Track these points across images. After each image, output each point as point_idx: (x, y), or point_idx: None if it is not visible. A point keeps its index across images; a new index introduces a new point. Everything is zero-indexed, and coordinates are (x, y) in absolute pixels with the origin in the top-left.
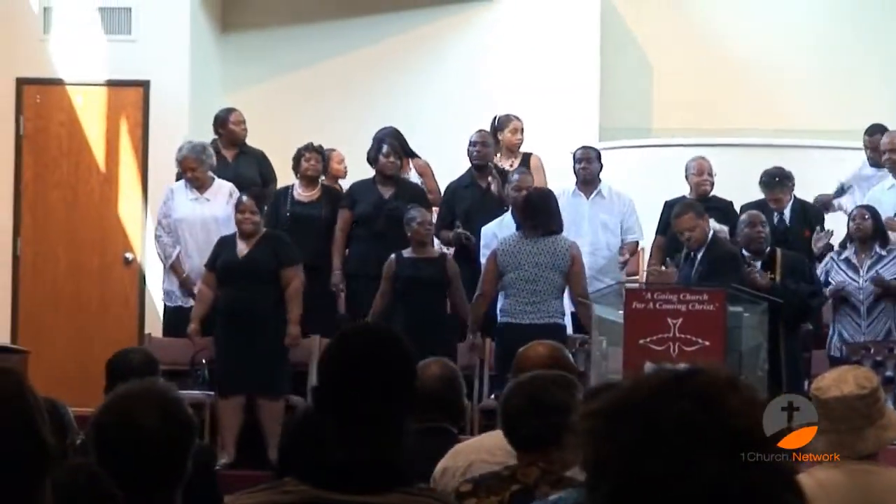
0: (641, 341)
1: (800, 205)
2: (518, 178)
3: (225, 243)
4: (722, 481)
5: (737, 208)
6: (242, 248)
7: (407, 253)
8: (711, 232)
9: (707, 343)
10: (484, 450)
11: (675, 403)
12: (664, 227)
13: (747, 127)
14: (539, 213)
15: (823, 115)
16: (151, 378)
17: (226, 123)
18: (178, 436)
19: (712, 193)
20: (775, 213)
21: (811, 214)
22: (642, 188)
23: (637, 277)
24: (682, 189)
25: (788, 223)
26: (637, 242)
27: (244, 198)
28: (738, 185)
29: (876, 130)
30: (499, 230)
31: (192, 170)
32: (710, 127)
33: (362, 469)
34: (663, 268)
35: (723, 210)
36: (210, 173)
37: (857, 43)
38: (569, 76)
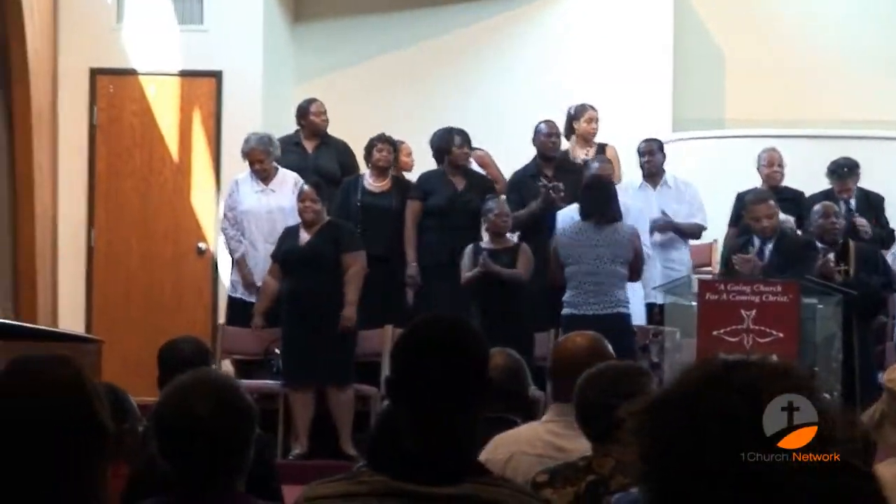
0: (715, 332)
1: (864, 194)
2: (599, 166)
3: (289, 234)
4: (771, 478)
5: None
6: (304, 236)
7: (484, 243)
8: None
9: (781, 335)
10: (523, 441)
11: (720, 397)
12: (736, 218)
13: (819, 118)
14: (599, 201)
15: (894, 106)
16: (206, 367)
17: (307, 114)
18: (235, 425)
19: (783, 184)
20: (842, 203)
21: (874, 203)
22: (714, 179)
23: (710, 269)
24: (754, 180)
25: (855, 207)
26: (702, 228)
27: (305, 187)
28: (810, 176)
29: None
30: (576, 215)
31: (260, 161)
32: (783, 118)
33: (436, 460)
34: (749, 256)
35: (794, 200)
36: (275, 164)
37: None
38: (642, 66)
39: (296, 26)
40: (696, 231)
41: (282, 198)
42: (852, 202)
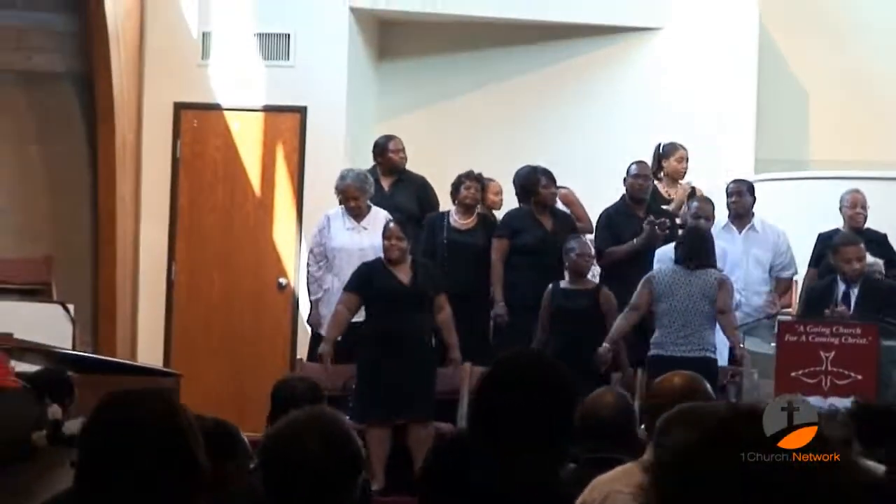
0: (793, 374)
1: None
2: (697, 206)
3: (374, 269)
4: None
5: (893, 241)
6: (402, 275)
7: (563, 283)
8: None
9: (859, 377)
10: (619, 481)
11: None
12: (817, 259)
13: None
14: (696, 247)
15: None
16: (319, 406)
17: (385, 151)
18: (343, 464)
19: (866, 226)
20: None
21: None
22: (796, 221)
23: (790, 310)
24: (836, 222)
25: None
26: (792, 279)
27: (391, 224)
28: (895, 218)
29: None
30: (672, 253)
31: (356, 199)
32: (866, 159)
33: (518, 496)
34: (840, 308)
35: (878, 242)
36: (368, 202)
37: None
38: (725, 106)
39: (380, 64)
40: (786, 287)
41: (374, 236)
42: None
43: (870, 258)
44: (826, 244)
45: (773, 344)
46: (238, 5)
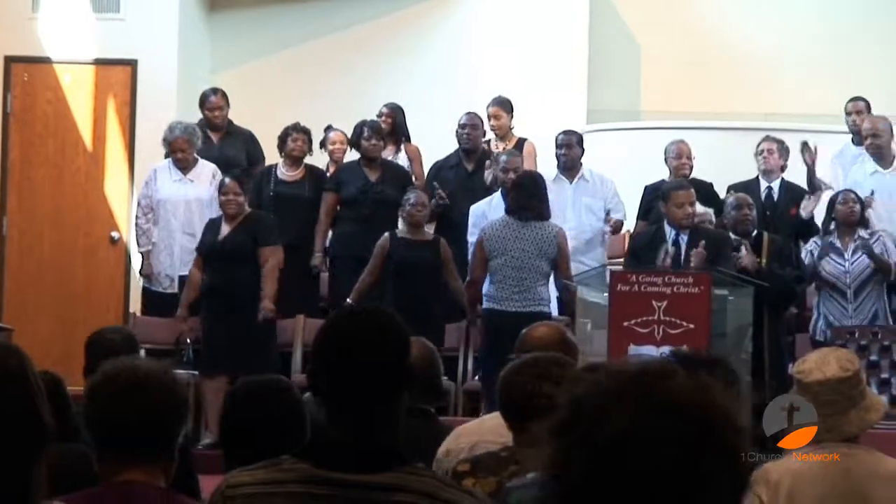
0: (626, 324)
1: (788, 185)
2: (507, 159)
3: (211, 226)
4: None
5: (718, 190)
6: (225, 229)
7: (401, 233)
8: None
9: (692, 326)
10: (486, 430)
11: (643, 417)
12: (645, 212)
13: (735, 111)
14: (530, 198)
15: (811, 100)
16: (136, 356)
17: (202, 107)
18: (167, 416)
19: (691, 176)
20: (764, 188)
21: (798, 194)
22: (630, 171)
23: (621, 260)
24: (664, 172)
25: (776, 199)
26: (622, 221)
27: (227, 180)
28: (725, 168)
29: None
30: (488, 209)
31: (183, 151)
32: (696, 110)
33: (360, 449)
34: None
35: (703, 192)
36: (195, 155)
37: (847, 28)
38: (557, 58)
39: (212, 15)
40: (617, 225)
41: (200, 188)
42: (774, 186)
43: (700, 208)
44: (654, 195)
45: (605, 294)
46: None
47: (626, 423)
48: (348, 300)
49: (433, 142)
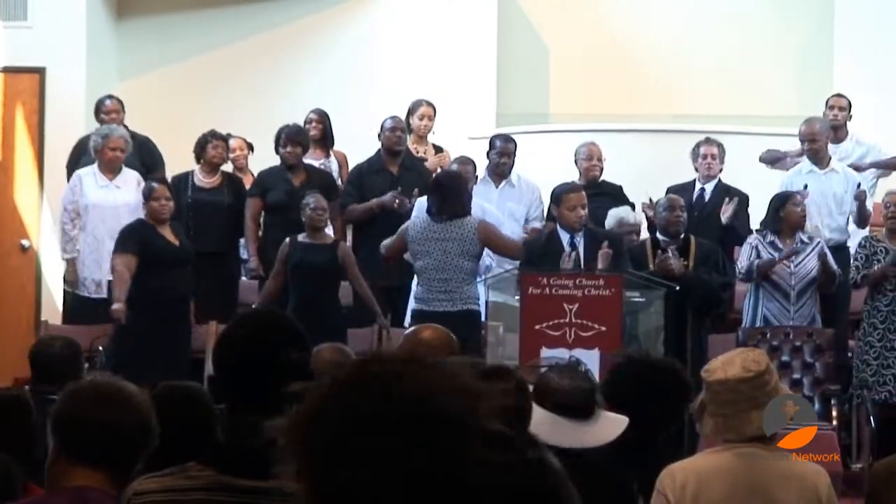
0: (538, 326)
1: (724, 187)
2: (459, 167)
3: (144, 230)
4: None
5: (627, 192)
6: (169, 236)
7: (301, 237)
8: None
9: (604, 328)
10: None
11: (351, 404)
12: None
13: (643, 113)
14: (447, 197)
15: (718, 101)
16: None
17: (98, 112)
18: (137, 428)
19: (602, 178)
20: (697, 189)
21: (733, 196)
22: (539, 174)
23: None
24: (574, 174)
25: (706, 200)
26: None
27: (156, 185)
28: (634, 170)
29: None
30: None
31: (122, 150)
32: (605, 112)
33: (259, 456)
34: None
35: (613, 195)
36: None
37: (756, 30)
38: (466, 61)
39: (120, 22)
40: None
41: (127, 194)
42: (707, 188)
43: (630, 217)
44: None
45: (517, 297)
46: None
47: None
48: (253, 306)
49: (345, 144)
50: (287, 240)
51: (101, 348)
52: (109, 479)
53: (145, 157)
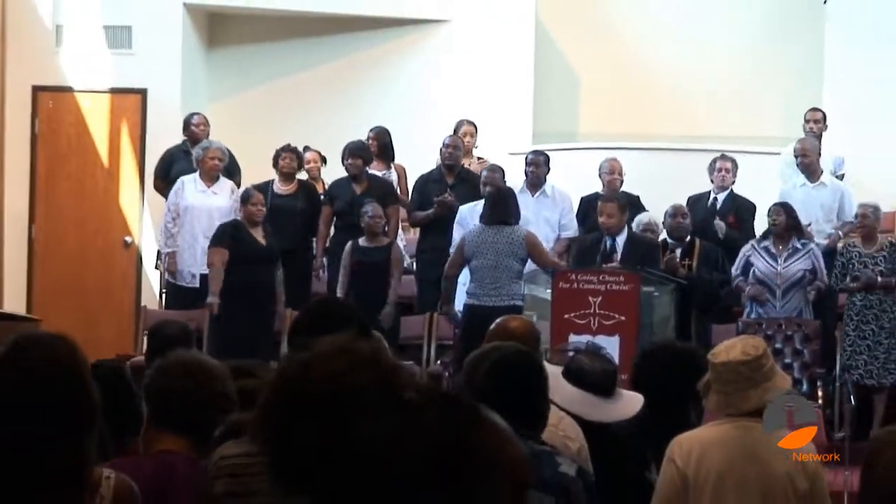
0: (566, 316)
1: (734, 196)
2: (486, 175)
3: (238, 229)
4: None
5: (644, 202)
6: (258, 236)
7: (362, 241)
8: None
9: (623, 318)
10: None
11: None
12: (581, 219)
13: (660, 133)
14: (498, 207)
15: (726, 124)
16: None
17: (188, 125)
18: (215, 399)
19: (621, 190)
20: (711, 199)
21: (739, 204)
22: (568, 185)
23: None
24: (597, 186)
25: (718, 208)
26: (567, 242)
27: (253, 191)
28: (649, 182)
29: None
30: (470, 212)
31: (221, 160)
32: (627, 132)
33: None
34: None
35: (631, 203)
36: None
37: (756, 64)
38: (507, 88)
39: (210, 51)
40: (563, 247)
41: (221, 199)
42: (720, 197)
43: (646, 217)
44: (589, 205)
45: (549, 290)
46: (85, 1)
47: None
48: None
49: (407, 157)
50: (350, 243)
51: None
52: (192, 444)
53: (229, 167)
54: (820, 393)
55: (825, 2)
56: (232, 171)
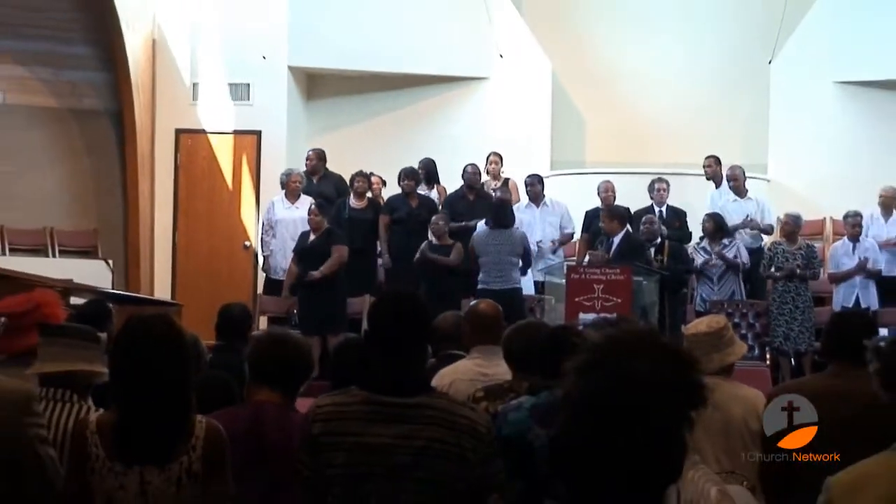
0: (577, 299)
1: (671, 208)
2: (499, 194)
3: (303, 236)
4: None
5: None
6: (313, 238)
7: (434, 242)
8: (626, 228)
9: (619, 300)
10: (459, 372)
11: (631, 362)
12: (587, 226)
13: (646, 161)
14: (500, 215)
15: (695, 153)
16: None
17: (307, 160)
18: (298, 362)
19: (615, 203)
20: (657, 212)
21: (674, 214)
22: (576, 201)
23: (574, 258)
24: (597, 202)
25: (665, 217)
26: (571, 233)
27: (312, 205)
28: (643, 199)
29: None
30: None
31: (299, 182)
32: (621, 160)
33: (400, 380)
34: (598, 251)
35: (621, 215)
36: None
37: (713, 104)
38: (531, 126)
39: (309, 102)
40: (566, 238)
41: (302, 212)
42: (663, 210)
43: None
44: (592, 216)
45: (563, 279)
46: (215, 64)
47: (647, 363)
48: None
49: (454, 180)
50: (424, 243)
51: (295, 311)
52: (282, 396)
53: (339, 188)
54: (768, 357)
55: (770, 62)
56: (342, 191)
